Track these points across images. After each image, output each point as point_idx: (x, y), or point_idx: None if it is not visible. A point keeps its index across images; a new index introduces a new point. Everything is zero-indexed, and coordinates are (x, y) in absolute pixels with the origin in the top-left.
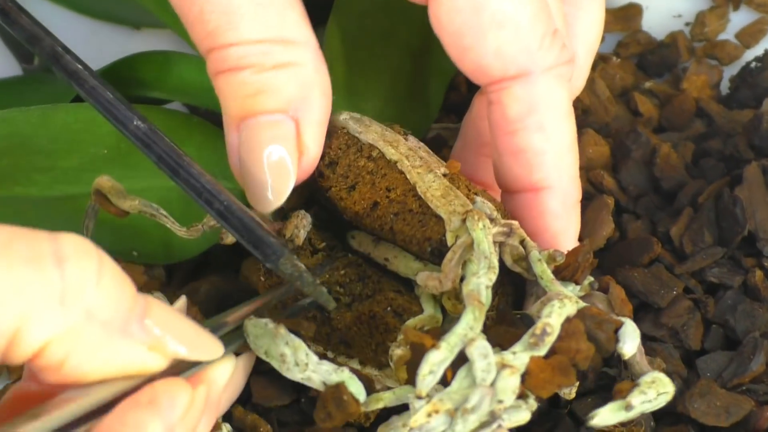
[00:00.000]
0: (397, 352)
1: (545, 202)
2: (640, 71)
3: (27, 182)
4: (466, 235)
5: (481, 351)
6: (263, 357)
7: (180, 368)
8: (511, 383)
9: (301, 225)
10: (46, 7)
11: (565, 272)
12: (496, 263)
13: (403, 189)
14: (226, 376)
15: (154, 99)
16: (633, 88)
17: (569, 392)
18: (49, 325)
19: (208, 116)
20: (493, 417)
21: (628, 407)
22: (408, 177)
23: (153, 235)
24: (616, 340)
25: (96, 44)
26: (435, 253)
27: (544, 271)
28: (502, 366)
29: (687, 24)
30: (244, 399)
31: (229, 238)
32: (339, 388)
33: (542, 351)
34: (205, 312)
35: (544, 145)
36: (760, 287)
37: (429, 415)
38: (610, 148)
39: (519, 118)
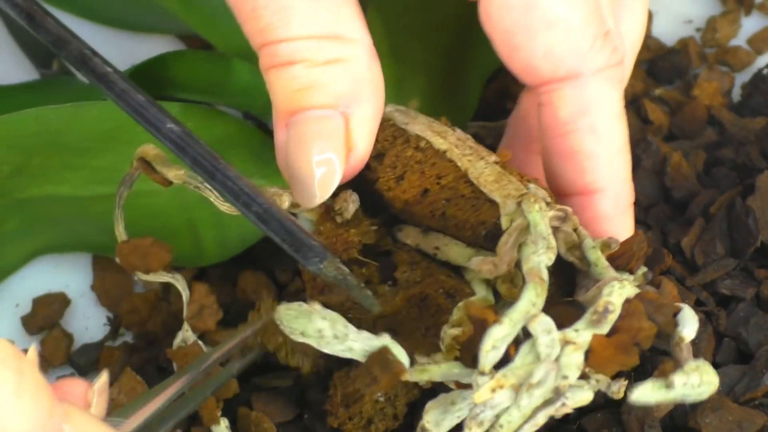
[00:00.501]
0: (451, 332)
1: (597, 205)
2: (650, 78)
3: (58, 181)
4: (521, 218)
5: (544, 326)
6: (300, 338)
7: None
8: (575, 359)
9: (351, 200)
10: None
11: (620, 261)
12: (554, 244)
13: (455, 176)
14: None
15: (182, 99)
16: (643, 95)
17: (617, 391)
18: None
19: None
20: (557, 394)
21: (669, 386)
22: (459, 164)
23: (183, 237)
24: (675, 324)
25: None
26: (489, 237)
27: (599, 258)
28: (565, 342)
29: (698, 29)
30: None
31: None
32: (384, 351)
33: (605, 329)
34: None
35: (595, 147)
36: None
37: (493, 390)
38: None
39: (570, 120)
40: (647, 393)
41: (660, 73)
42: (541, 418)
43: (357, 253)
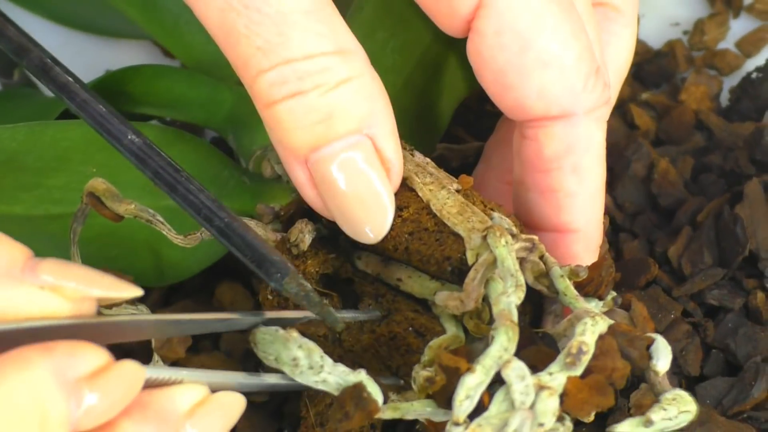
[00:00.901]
0: (423, 374)
1: (569, 245)
2: (637, 82)
3: (11, 200)
4: (487, 253)
5: (518, 373)
6: (273, 364)
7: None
8: (550, 405)
9: (306, 230)
10: (18, 14)
11: (588, 287)
12: (522, 281)
13: (416, 207)
14: (189, 399)
15: (142, 115)
16: (629, 100)
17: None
18: None
19: (195, 132)
20: None
21: (648, 423)
22: (420, 194)
23: (144, 254)
24: (649, 357)
25: (71, 55)
26: (455, 272)
27: (567, 287)
28: (540, 387)
29: (685, 32)
30: None
31: None
32: (358, 387)
33: (579, 370)
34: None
35: (577, 187)
36: (761, 310)
37: None
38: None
39: (555, 158)
40: (627, 430)
41: (646, 77)
42: None
43: (315, 284)
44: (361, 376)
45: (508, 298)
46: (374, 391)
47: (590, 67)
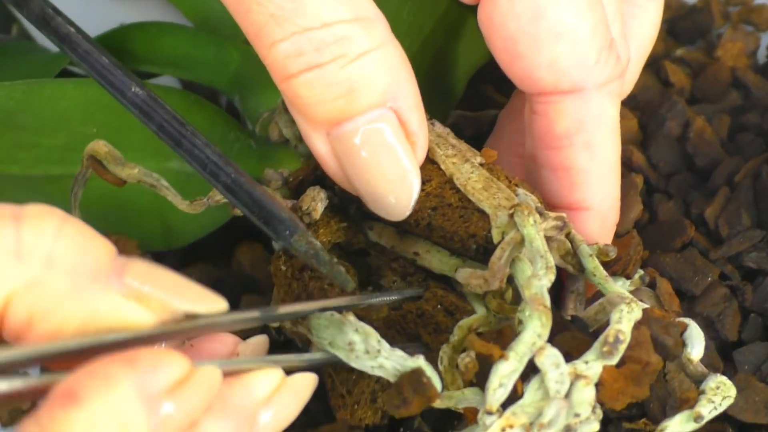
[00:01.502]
0: (466, 360)
1: (584, 223)
2: (671, 38)
3: (8, 160)
4: (514, 232)
5: (552, 360)
6: (328, 349)
7: None
8: (587, 395)
9: (318, 198)
10: None
11: (616, 266)
12: (553, 263)
13: (439, 181)
14: (266, 386)
15: (145, 73)
16: (663, 56)
17: None
18: (4, 279)
19: (201, 91)
20: (568, 430)
21: (698, 418)
22: (443, 167)
23: (149, 218)
24: (683, 344)
25: (84, 8)
26: (480, 251)
27: (596, 267)
28: (576, 376)
29: None
30: None
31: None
32: (417, 372)
33: (615, 359)
34: None
35: (589, 164)
36: None
37: (503, 430)
38: (639, 121)
39: (566, 135)
40: (677, 428)
41: (681, 33)
42: None
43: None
44: (420, 361)
45: (540, 282)
46: (434, 377)
47: (604, 40)
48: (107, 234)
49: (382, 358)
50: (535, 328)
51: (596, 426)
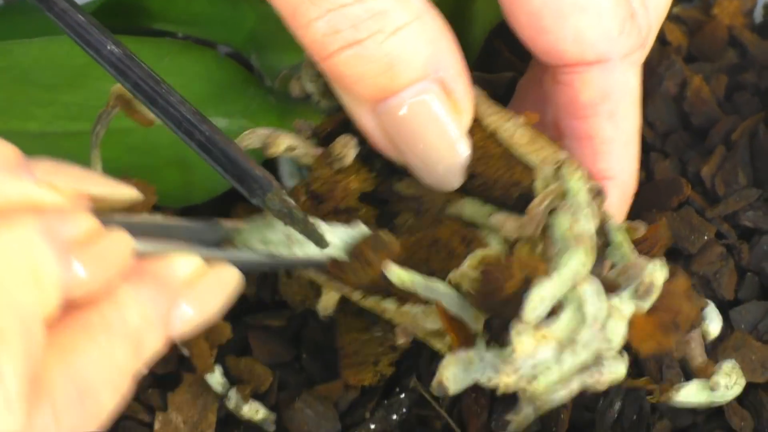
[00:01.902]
0: (471, 274)
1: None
2: None
3: (25, 116)
4: (557, 183)
5: (595, 289)
6: (262, 247)
7: None
8: (620, 328)
9: (351, 144)
10: None
11: (642, 246)
12: (597, 211)
13: (481, 135)
14: (186, 268)
15: (160, 31)
16: None
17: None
18: None
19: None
20: (597, 360)
21: (715, 387)
22: (486, 123)
23: (168, 173)
24: (702, 318)
25: None
26: (521, 200)
27: (624, 240)
28: (611, 310)
29: None
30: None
31: (274, 148)
32: (374, 234)
33: (648, 303)
34: None
35: (613, 134)
36: None
37: (538, 341)
38: None
39: (591, 105)
40: (692, 394)
41: None
42: (576, 385)
43: (354, 201)
44: (363, 228)
45: (587, 224)
46: (388, 236)
47: (626, 12)
48: (126, 178)
49: (327, 235)
50: (579, 258)
51: (623, 369)
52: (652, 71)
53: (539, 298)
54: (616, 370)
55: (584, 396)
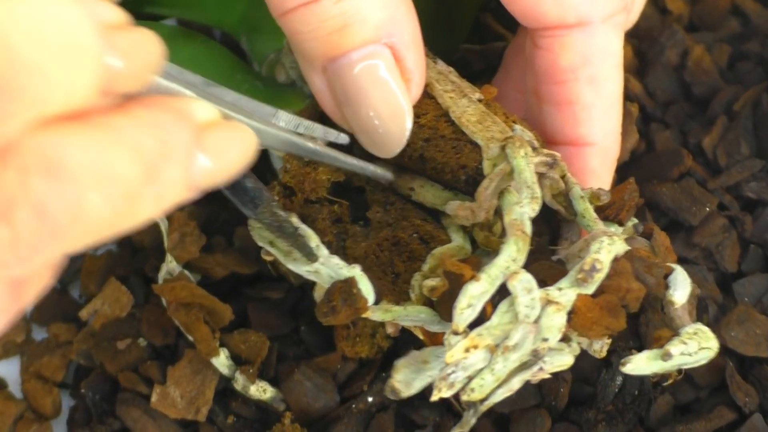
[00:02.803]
0: (428, 283)
1: (585, 159)
2: None
3: None
4: (504, 163)
5: (524, 285)
6: (268, 248)
7: None
8: (557, 321)
9: None
10: None
11: (609, 211)
12: (539, 194)
13: (435, 114)
14: (205, 112)
15: (151, 15)
16: None
17: (600, 350)
18: None
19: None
20: (535, 357)
21: (666, 356)
22: (440, 101)
23: None
24: (666, 286)
25: None
26: (470, 182)
27: (586, 209)
28: (547, 302)
29: None
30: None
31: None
32: (349, 282)
33: (590, 288)
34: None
35: (594, 99)
36: None
37: (467, 350)
38: (635, 49)
39: (571, 69)
40: (642, 364)
41: None
42: (516, 383)
43: (326, 193)
44: (355, 271)
45: (522, 209)
46: (366, 288)
47: None
48: None
49: (318, 264)
50: (510, 252)
51: (570, 360)
52: (653, 41)
53: (466, 303)
54: (559, 362)
55: (585, 369)
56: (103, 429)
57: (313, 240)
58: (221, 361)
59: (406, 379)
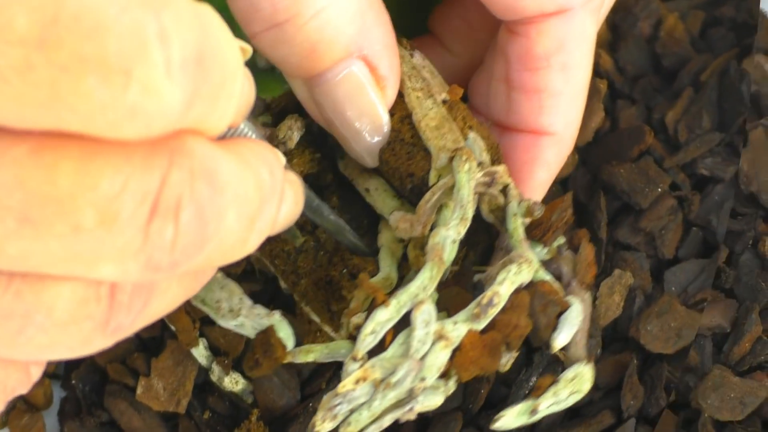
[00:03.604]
0: (354, 320)
1: (543, 149)
2: None
3: None
4: (449, 176)
5: (424, 317)
6: (199, 305)
7: None
8: (440, 359)
9: (295, 127)
10: None
11: (536, 231)
12: (470, 215)
13: (401, 115)
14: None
15: None
16: None
17: (505, 363)
18: None
19: None
20: (410, 396)
21: (534, 412)
22: (407, 101)
23: None
24: (555, 327)
25: None
26: (415, 192)
27: (516, 228)
28: (439, 337)
29: None
30: None
31: None
32: (268, 332)
33: (481, 325)
34: None
35: (563, 87)
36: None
37: (357, 382)
38: (608, 22)
39: (545, 56)
40: (511, 421)
41: None
42: (387, 421)
43: None
44: (274, 319)
45: (447, 232)
46: (285, 335)
47: None
48: None
49: (242, 317)
50: (423, 280)
51: (438, 400)
52: (627, 11)
53: (371, 328)
54: (430, 402)
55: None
56: (92, 421)
57: (237, 294)
58: (200, 352)
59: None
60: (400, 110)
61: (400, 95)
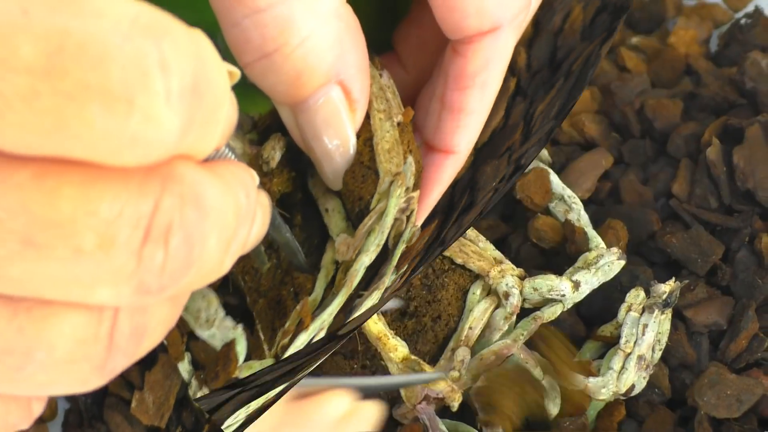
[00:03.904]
0: (282, 342)
1: (444, 167)
2: (627, 28)
3: None
4: (384, 201)
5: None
6: (183, 313)
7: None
8: None
9: (278, 147)
10: None
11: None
12: (383, 241)
13: (364, 137)
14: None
15: None
16: (619, 44)
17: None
18: None
19: None
20: None
21: None
22: (372, 123)
23: None
24: None
25: None
26: (359, 216)
27: (395, 257)
28: None
29: None
30: None
31: None
32: (230, 345)
33: None
34: None
35: (477, 105)
36: None
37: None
38: (592, 95)
39: (472, 75)
40: None
41: (637, 24)
42: None
43: (276, 204)
44: (237, 333)
45: (365, 257)
46: (241, 348)
47: None
48: None
49: (214, 328)
50: (334, 306)
51: None
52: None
53: (294, 350)
54: None
55: None
56: None
57: (214, 304)
58: (184, 366)
59: None
60: (365, 132)
61: (367, 117)
